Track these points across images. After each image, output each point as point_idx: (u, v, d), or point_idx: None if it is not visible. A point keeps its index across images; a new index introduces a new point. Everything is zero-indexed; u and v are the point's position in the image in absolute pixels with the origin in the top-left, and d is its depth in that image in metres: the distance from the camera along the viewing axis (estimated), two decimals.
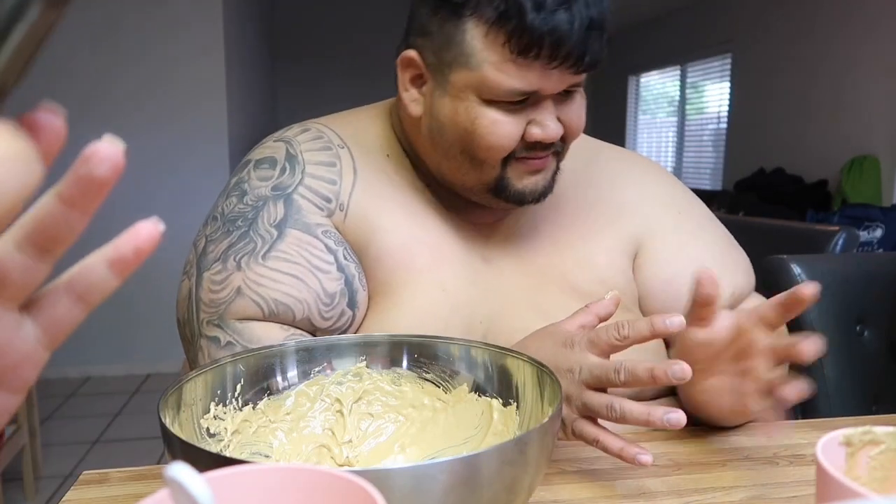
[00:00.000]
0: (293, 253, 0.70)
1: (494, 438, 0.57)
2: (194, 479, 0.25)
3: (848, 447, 0.42)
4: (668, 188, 0.87)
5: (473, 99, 0.68)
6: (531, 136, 0.68)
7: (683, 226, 0.84)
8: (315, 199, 0.73)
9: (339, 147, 0.77)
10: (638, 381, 0.56)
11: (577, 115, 0.71)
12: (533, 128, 0.68)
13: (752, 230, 1.53)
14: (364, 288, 0.73)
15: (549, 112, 0.68)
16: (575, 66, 0.65)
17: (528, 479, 0.45)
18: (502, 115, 0.67)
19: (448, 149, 0.72)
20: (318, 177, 0.74)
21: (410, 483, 0.40)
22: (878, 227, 3.31)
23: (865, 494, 0.34)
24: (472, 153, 0.70)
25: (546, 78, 0.66)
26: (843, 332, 1.18)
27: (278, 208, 0.72)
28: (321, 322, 0.71)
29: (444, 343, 0.62)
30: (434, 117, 0.72)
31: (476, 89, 0.67)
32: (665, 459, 0.65)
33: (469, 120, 0.68)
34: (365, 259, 0.74)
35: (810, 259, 1.21)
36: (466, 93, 0.68)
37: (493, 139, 0.68)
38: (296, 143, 0.76)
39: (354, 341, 0.62)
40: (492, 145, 0.68)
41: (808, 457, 0.66)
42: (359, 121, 0.81)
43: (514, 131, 0.68)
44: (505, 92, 0.66)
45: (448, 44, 0.67)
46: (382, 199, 0.75)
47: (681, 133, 5.90)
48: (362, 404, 0.61)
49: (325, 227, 0.73)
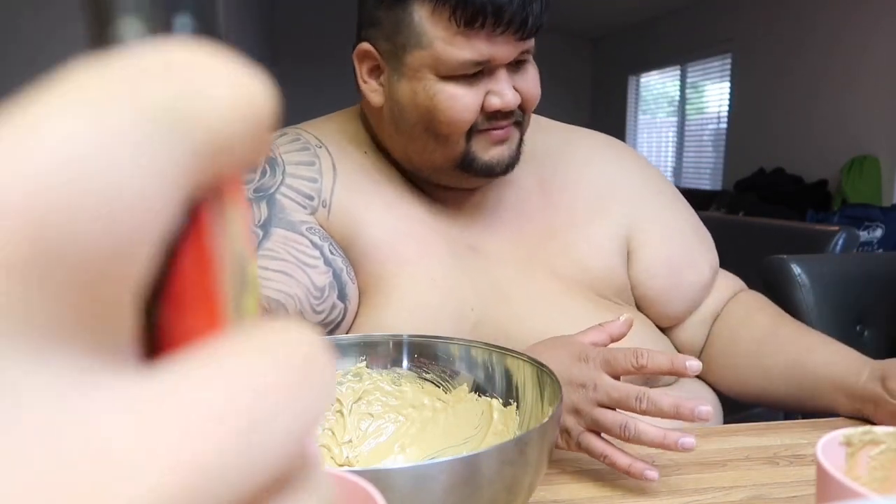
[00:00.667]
0: (280, 250, 0.71)
1: (494, 438, 0.57)
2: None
3: (848, 447, 0.42)
4: (643, 167, 0.91)
5: (430, 77, 0.70)
6: (490, 105, 0.71)
7: (665, 205, 0.88)
8: (297, 198, 0.74)
9: (317, 147, 0.78)
10: (661, 413, 0.55)
11: (533, 84, 0.74)
12: (491, 97, 0.71)
13: (752, 230, 1.53)
14: (353, 281, 0.75)
15: (504, 81, 0.71)
16: (519, 32, 0.68)
17: (528, 479, 0.45)
18: (460, 89, 0.70)
19: (412, 131, 0.74)
20: (299, 176, 0.75)
21: (410, 483, 0.40)
22: (878, 227, 3.31)
23: (865, 494, 0.34)
24: (436, 130, 0.72)
25: (494, 45, 0.68)
26: (843, 332, 1.18)
27: (262, 209, 0.73)
28: (314, 316, 0.72)
29: (444, 343, 0.62)
30: (395, 102, 0.74)
31: (431, 67, 0.70)
32: (665, 459, 0.65)
33: (428, 97, 0.71)
34: (352, 254, 0.75)
35: (810, 259, 1.21)
36: (423, 72, 0.70)
37: (452, 113, 0.70)
38: (274, 147, 0.77)
39: (354, 341, 0.62)
40: (452, 119, 0.70)
41: (808, 457, 0.66)
42: (333, 123, 0.83)
43: (473, 103, 0.70)
44: (458, 64, 0.69)
45: (398, 28, 0.70)
46: (364, 195, 0.76)
47: (681, 133, 5.90)
48: (362, 404, 0.62)
49: (310, 223, 0.74)
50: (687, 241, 0.86)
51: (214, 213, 0.12)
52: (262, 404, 0.10)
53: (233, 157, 0.11)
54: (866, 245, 3.27)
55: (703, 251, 0.86)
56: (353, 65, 0.77)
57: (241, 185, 0.13)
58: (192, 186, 0.11)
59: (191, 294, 0.11)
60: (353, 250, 0.75)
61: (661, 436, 0.55)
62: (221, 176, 0.11)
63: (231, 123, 0.11)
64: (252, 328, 0.12)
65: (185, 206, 0.11)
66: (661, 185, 0.90)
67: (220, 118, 0.11)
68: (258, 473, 0.10)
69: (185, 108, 0.10)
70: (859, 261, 1.32)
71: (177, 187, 0.10)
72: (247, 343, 0.11)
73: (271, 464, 0.10)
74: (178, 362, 0.10)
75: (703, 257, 0.86)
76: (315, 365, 0.12)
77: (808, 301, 1.16)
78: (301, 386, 0.11)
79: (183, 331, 0.12)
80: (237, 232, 0.12)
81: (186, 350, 0.11)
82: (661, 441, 0.55)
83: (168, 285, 0.11)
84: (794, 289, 1.17)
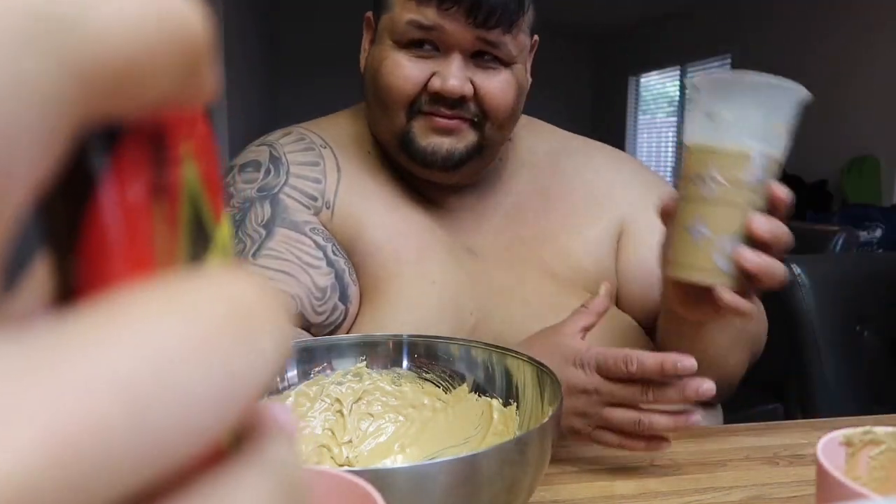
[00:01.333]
0: (283, 250, 0.71)
1: (494, 438, 0.57)
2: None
3: (848, 447, 0.42)
4: (643, 174, 0.89)
5: (387, 42, 0.71)
6: (432, 86, 0.70)
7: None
8: (301, 198, 0.74)
9: (322, 147, 0.78)
10: (668, 399, 0.58)
11: (500, 89, 0.72)
12: (435, 79, 0.70)
13: None
14: (355, 283, 0.74)
15: (455, 67, 0.70)
16: (472, 15, 0.67)
17: (528, 479, 0.45)
18: (406, 60, 0.70)
19: (368, 95, 0.75)
20: (303, 176, 0.75)
21: (410, 483, 0.40)
22: (878, 227, 3.31)
23: (865, 494, 0.34)
24: (379, 96, 0.73)
25: (444, 19, 0.68)
26: (843, 332, 1.18)
27: (265, 208, 0.72)
28: (315, 317, 0.71)
29: (444, 343, 0.62)
30: (366, 67, 0.76)
31: (390, 30, 0.71)
32: (665, 459, 0.65)
33: (379, 60, 0.72)
34: (353, 256, 0.75)
35: (810, 259, 1.21)
36: (384, 36, 0.72)
37: (391, 79, 0.71)
38: (279, 146, 0.77)
39: (354, 341, 0.62)
40: (390, 85, 0.71)
41: (808, 457, 0.66)
42: (338, 122, 0.83)
43: (416, 75, 0.70)
44: (405, 24, 0.69)
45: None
46: (367, 196, 0.76)
47: (681, 133, 5.90)
48: (362, 404, 0.61)
49: (313, 224, 0.73)
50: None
51: (146, 155, 0.10)
52: (167, 368, 0.09)
53: (151, 89, 0.10)
54: (866, 245, 3.27)
55: None
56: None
57: (201, 131, 0.12)
58: (83, 117, 0.09)
59: (111, 242, 0.10)
60: (354, 252, 0.75)
61: (674, 422, 0.59)
62: (138, 111, 0.10)
63: (139, 44, 0.09)
64: (178, 277, 0.10)
65: (103, 143, 0.10)
66: (664, 188, 0.88)
67: (119, 35, 0.09)
68: (158, 454, 0.09)
69: (70, 17, 0.08)
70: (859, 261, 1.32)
71: (57, 116, 0.09)
72: (163, 293, 0.09)
73: (179, 442, 0.09)
74: (70, 316, 0.09)
75: None
76: (252, 320, 0.10)
77: (808, 301, 1.16)
78: (229, 345, 0.09)
79: (99, 284, 0.10)
80: (192, 180, 0.11)
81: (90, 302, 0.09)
82: (674, 426, 0.59)
83: (84, 231, 0.10)
84: (795, 289, 1.17)
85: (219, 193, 0.13)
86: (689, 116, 0.58)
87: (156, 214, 0.11)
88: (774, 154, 0.56)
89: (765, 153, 0.55)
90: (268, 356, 0.10)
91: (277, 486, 0.11)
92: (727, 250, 0.56)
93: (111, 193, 0.10)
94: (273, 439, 0.11)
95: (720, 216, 0.56)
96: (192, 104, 0.11)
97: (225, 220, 0.13)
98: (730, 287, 0.57)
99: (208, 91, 0.11)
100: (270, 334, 0.10)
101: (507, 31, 0.69)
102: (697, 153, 0.57)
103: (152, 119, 0.10)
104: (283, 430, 0.12)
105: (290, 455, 0.12)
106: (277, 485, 0.11)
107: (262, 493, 0.10)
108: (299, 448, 0.12)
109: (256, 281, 0.11)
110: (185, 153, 0.11)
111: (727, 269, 0.56)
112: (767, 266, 0.56)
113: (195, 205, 0.12)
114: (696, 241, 0.57)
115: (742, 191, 0.56)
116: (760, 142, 0.55)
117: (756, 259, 0.55)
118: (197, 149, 0.11)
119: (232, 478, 0.10)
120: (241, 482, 0.10)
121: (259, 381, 0.10)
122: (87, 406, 0.08)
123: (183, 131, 0.11)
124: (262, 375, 0.10)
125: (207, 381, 0.09)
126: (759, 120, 0.55)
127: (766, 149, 0.55)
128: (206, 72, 0.11)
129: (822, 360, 1.15)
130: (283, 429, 0.12)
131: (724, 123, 0.56)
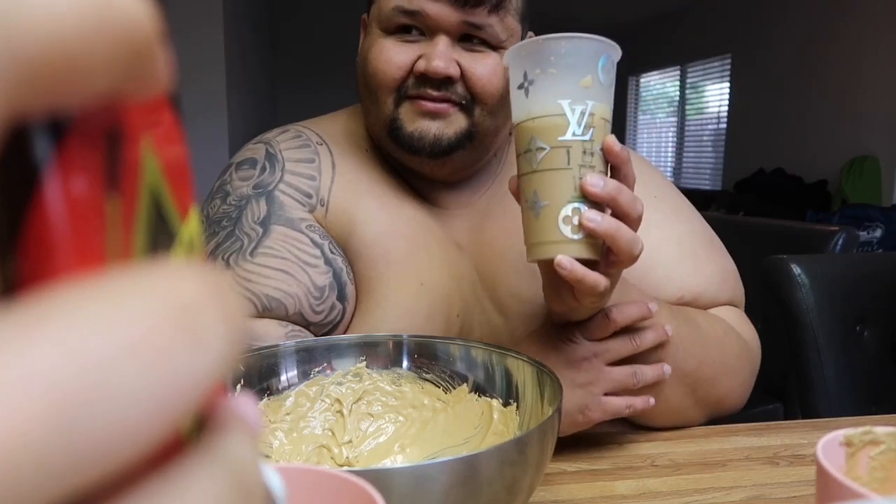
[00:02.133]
0: (280, 248, 0.71)
1: (494, 438, 0.57)
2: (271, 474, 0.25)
3: (848, 447, 0.42)
4: (650, 173, 0.83)
5: (376, 31, 0.72)
6: (417, 67, 0.70)
7: (653, 211, 0.77)
8: (296, 195, 0.74)
9: (318, 144, 0.78)
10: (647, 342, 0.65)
11: (488, 71, 0.71)
12: (420, 60, 0.70)
13: (752, 230, 1.53)
14: (352, 281, 0.74)
15: (441, 49, 0.69)
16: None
17: (528, 479, 0.45)
18: (392, 45, 0.70)
19: (359, 87, 0.75)
20: (298, 173, 0.75)
21: (410, 483, 0.40)
22: (878, 227, 3.31)
23: (865, 495, 0.34)
24: (367, 84, 0.73)
25: (428, 2, 0.68)
26: (843, 332, 1.18)
27: (261, 206, 0.72)
28: (313, 316, 0.71)
29: (444, 343, 0.62)
30: (357, 62, 0.76)
31: (377, 19, 0.71)
32: (665, 459, 0.65)
33: (367, 49, 0.72)
34: (347, 253, 0.75)
35: (810, 259, 1.21)
36: (372, 25, 0.72)
37: (377, 64, 0.70)
38: (275, 143, 0.77)
39: (354, 341, 0.62)
40: (377, 70, 0.71)
41: (808, 457, 0.66)
42: (337, 120, 0.83)
43: (401, 59, 0.70)
44: (390, 10, 0.69)
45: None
46: (361, 193, 0.76)
47: (681, 133, 5.90)
48: (362, 404, 0.61)
49: (309, 221, 0.73)
50: (657, 251, 0.74)
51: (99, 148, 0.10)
52: (98, 366, 0.08)
53: (93, 80, 0.09)
54: (866, 245, 3.27)
55: (677, 271, 0.76)
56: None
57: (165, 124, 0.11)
58: (15, 109, 0.09)
59: (54, 237, 0.10)
60: (347, 249, 0.75)
61: (653, 371, 0.65)
62: (82, 103, 0.10)
63: (75, 36, 0.09)
64: (122, 273, 0.10)
65: (47, 137, 0.09)
66: (665, 193, 0.82)
67: (53, 27, 0.09)
68: (94, 454, 0.08)
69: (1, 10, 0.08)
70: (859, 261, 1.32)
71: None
72: (101, 289, 0.09)
73: (117, 442, 0.08)
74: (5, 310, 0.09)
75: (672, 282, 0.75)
76: (198, 317, 0.10)
77: (808, 301, 1.16)
78: (170, 342, 0.09)
79: (42, 281, 0.10)
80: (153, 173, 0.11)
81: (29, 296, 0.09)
82: (662, 374, 0.65)
83: (26, 227, 0.10)
84: (794, 289, 1.17)
85: (186, 188, 0.12)
86: (511, 96, 0.58)
87: (108, 209, 0.10)
88: (590, 108, 0.55)
89: (578, 109, 0.54)
90: (214, 353, 0.10)
91: (229, 483, 0.10)
92: (570, 216, 0.54)
93: (55, 188, 0.10)
94: (232, 435, 0.11)
95: (553, 182, 0.55)
96: (144, 95, 0.11)
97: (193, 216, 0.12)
98: (585, 256, 0.55)
99: (161, 82, 0.11)
100: (217, 331, 0.10)
101: (494, 11, 0.69)
102: (520, 129, 0.57)
103: (103, 111, 0.10)
104: (244, 426, 0.12)
105: (248, 452, 0.11)
106: (229, 482, 0.10)
107: (211, 490, 0.10)
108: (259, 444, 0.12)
109: (209, 277, 0.10)
110: (146, 146, 0.11)
111: (576, 236, 0.54)
112: (612, 228, 0.54)
113: (156, 199, 0.11)
114: (539, 215, 0.56)
115: (566, 152, 0.55)
116: (570, 99, 0.54)
117: (597, 218, 0.53)
118: (159, 142, 0.11)
119: (182, 474, 0.10)
120: (191, 479, 0.10)
121: (206, 379, 0.10)
122: (9, 408, 0.08)
123: (141, 123, 0.11)
124: (208, 373, 0.10)
125: (145, 379, 0.09)
126: (563, 78, 0.55)
127: (577, 105, 0.54)
128: (155, 62, 0.10)
129: (822, 360, 1.15)
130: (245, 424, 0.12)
131: (532, 91, 0.56)
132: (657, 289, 0.73)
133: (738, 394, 0.75)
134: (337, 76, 5.49)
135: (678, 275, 0.76)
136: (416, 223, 0.76)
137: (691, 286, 0.76)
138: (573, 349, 0.64)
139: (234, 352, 0.10)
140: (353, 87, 0.77)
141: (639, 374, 0.64)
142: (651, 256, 0.73)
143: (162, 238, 0.11)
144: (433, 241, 0.76)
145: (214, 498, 0.10)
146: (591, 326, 0.63)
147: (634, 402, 0.64)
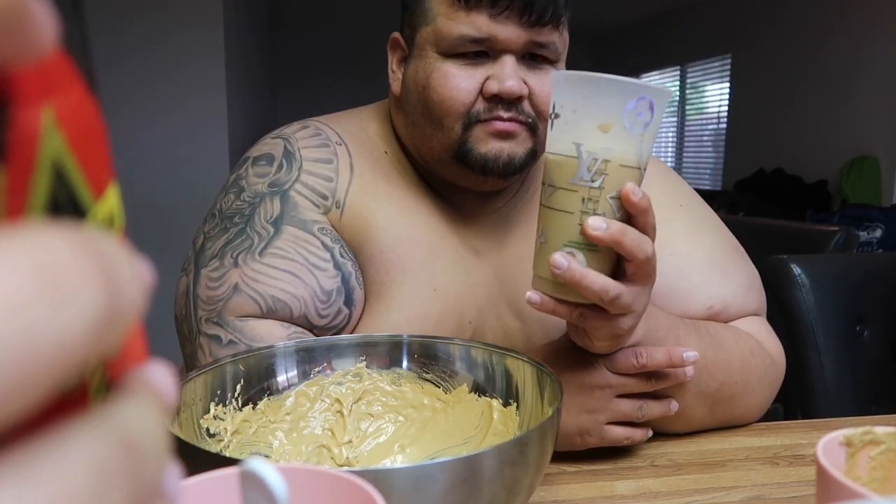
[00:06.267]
0: (290, 250, 0.70)
1: (494, 438, 0.57)
2: (273, 473, 0.25)
3: (848, 447, 0.42)
4: (676, 182, 0.83)
5: (432, 54, 0.69)
6: (488, 89, 0.68)
7: (680, 220, 0.78)
8: (312, 196, 0.73)
9: (337, 144, 0.76)
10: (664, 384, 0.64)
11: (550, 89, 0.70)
12: (491, 82, 0.68)
13: (752, 230, 1.53)
14: (360, 286, 0.73)
15: (508, 68, 0.68)
16: (525, 15, 0.66)
17: (528, 479, 0.45)
18: (458, 69, 0.68)
19: (414, 114, 0.73)
20: (315, 174, 0.74)
21: (410, 483, 0.40)
22: (878, 227, 3.31)
23: (865, 495, 0.34)
24: (430, 111, 0.70)
25: (496, 25, 0.66)
26: (843, 332, 1.18)
27: (275, 205, 0.71)
28: (318, 320, 0.71)
29: (444, 343, 0.62)
30: (405, 84, 0.73)
31: (434, 43, 0.69)
32: (665, 459, 0.65)
33: (426, 75, 0.69)
34: (360, 257, 0.74)
35: (810, 259, 1.21)
36: (426, 49, 0.70)
37: (445, 91, 0.68)
38: (293, 140, 0.76)
39: (354, 341, 0.62)
40: (444, 98, 0.68)
41: (808, 457, 0.66)
42: (357, 119, 0.81)
43: (469, 85, 0.68)
44: (456, 39, 0.67)
45: (416, 9, 0.71)
46: (378, 197, 0.75)
47: (681, 133, 5.90)
48: (362, 404, 0.61)
49: (322, 224, 0.72)
50: (684, 261, 0.75)
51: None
52: None
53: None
54: (866, 245, 3.27)
55: (705, 281, 0.75)
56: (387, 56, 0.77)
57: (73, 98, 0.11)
58: None
59: None
60: (361, 253, 0.74)
61: (660, 406, 0.64)
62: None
63: None
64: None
65: None
66: (690, 202, 0.81)
67: None
68: None
69: None
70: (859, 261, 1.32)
71: None
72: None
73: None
74: None
75: (702, 291, 0.75)
76: (61, 282, 0.09)
77: (808, 301, 1.16)
78: (27, 306, 0.09)
79: None
80: (55, 147, 0.10)
81: None
82: (668, 410, 0.64)
83: None
84: (794, 289, 1.17)
85: (101, 164, 0.12)
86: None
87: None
88: (604, 155, 0.53)
89: (591, 155, 0.53)
90: (80, 312, 0.10)
91: (116, 447, 0.10)
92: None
93: None
94: (133, 400, 0.11)
95: (555, 222, 0.55)
96: (27, 60, 0.10)
97: (111, 193, 0.12)
98: (571, 298, 0.56)
99: (40, 46, 0.10)
100: (84, 290, 0.10)
101: (555, 27, 0.68)
102: (544, 162, 0.57)
103: None
104: (151, 394, 0.11)
105: (147, 419, 0.11)
106: (116, 446, 0.10)
107: (95, 451, 0.10)
108: (162, 412, 0.12)
109: (83, 238, 0.10)
110: (47, 118, 0.10)
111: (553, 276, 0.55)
112: (617, 232, 0.53)
113: (59, 174, 0.11)
114: (540, 248, 0.57)
115: (572, 195, 0.54)
116: (584, 142, 0.53)
117: (564, 263, 0.54)
118: (63, 115, 0.11)
119: (68, 433, 0.10)
120: (75, 438, 0.10)
121: (70, 345, 0.09)
122: None
123: (34, 93, 0.10)
124: (72, 338, 0.09)
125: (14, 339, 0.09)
126: (582, 119, 0.54)
127: (591, 150, 0.53)
128: (31, 26, 0.10)
129: (822, 360, 1.15)
130: (151, 391, 0.11)
131: (556, 127, 0.55)
132: (687, 299, 0.73)
133: (755, 412, 0.75)
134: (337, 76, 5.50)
135: (708, 284, 0.75)
136: (432, 230, 0.75)
137: (721, 295, 0.75)
138: (589, 374, 0.63)
139: (117, 313, 0.10)
140: (354, 87, 0.77)
141: (645, 409, 0.64)
142: (680, 266, 0.74)
143: (66, 214, 0.11)
144: (449, 248, 0.76)
145: (96, 460, 0.10)
146: (617, 362, 0.62)
147: (634, 434, 0.64)
